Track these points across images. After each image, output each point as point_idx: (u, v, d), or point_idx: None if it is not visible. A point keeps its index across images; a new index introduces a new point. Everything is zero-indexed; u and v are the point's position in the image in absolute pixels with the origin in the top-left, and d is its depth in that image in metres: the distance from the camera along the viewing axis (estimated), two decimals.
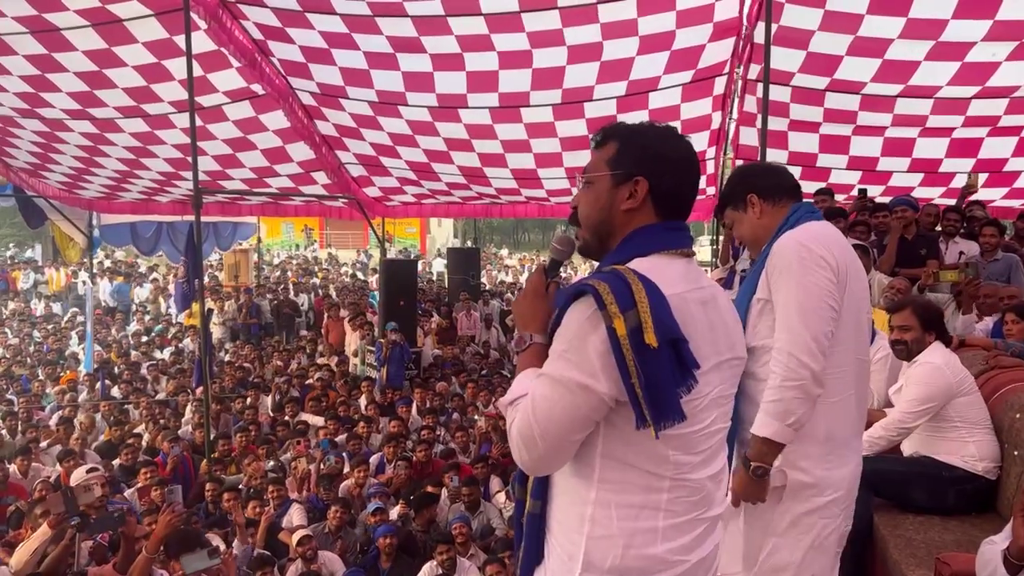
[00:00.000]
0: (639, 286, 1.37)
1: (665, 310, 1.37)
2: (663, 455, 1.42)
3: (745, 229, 2.34)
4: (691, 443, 1.45)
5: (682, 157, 1.54)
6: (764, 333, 2.18)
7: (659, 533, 1.43)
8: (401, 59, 7.60)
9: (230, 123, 9.10)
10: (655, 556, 1.43)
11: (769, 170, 2.41)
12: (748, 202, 2.30)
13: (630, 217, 1.53)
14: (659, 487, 1.43)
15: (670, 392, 1.36)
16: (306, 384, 9.73)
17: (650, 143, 1.54)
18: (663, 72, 7.59)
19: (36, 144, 9.90)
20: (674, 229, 1.54)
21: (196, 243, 7.21)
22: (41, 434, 8.20)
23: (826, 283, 2.08)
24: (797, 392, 2.04)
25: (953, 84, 7.07)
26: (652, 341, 1.33)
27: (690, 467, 1.45)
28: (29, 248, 28.47)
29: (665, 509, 1.44)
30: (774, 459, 2.08)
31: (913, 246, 6.01)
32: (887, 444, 3.34)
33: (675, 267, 1.49)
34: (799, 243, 2.12)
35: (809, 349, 2.04)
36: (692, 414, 1.41)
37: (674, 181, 1.52)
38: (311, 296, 16.12)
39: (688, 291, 1.45)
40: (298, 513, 6.09)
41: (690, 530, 1.46)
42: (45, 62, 7.86)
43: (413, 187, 11.17)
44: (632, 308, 1.34)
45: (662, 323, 1.35)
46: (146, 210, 12.49)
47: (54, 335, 14.20)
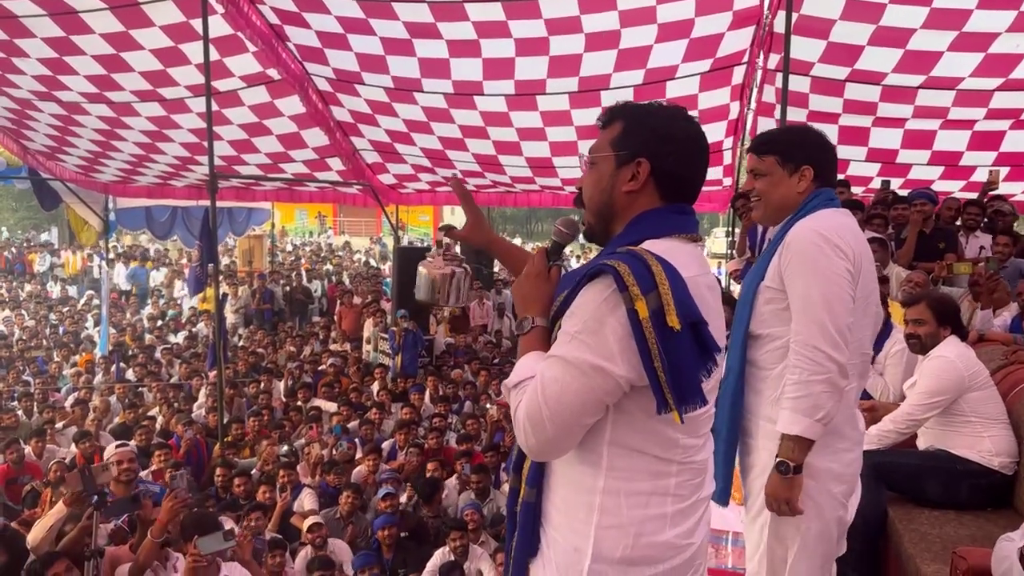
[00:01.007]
0: (659, 267, 1.34)
1: (685, 292, 1.35)
2: (673, 439, 1.42)
3: (778, 192, 2.22)
4: (697, 426, 1.46)
5: (688, 139, 1.50)
6: (770, 321, 2.14)
7: (668, 519, 1.43)
8: (417, 45, 7.57)
9: (246, 108, 9.10)
10: (665, 542, 1.43)
11: (833, 151, 2.30)
12: (802, 170, 2.19)
13: (632, 199, 1.50)
14: (667, 472, 1.43)
15: (693, 375, 1.34)
16: (319, 370, 9.78)
17: (655, 123, 1.50)
18: (681, 61, 7.52)
19: (53, 127, 9.95)
20: (682, 213, 1.51)
21: (211, 228, 7.24)
22: (57, 415, 8.30)
23: (845, 273, 2.03)
24: (825, 386, 1.99)
25: (976, 75, 6.97)
26: (675, 323, 1.31)
27: (696, 450, 1.47)
28: (45, 231, 28.73)
29: (673, 494, 1.44)
30: (804, 456, 2.03)
31: (931, 239, 5.95)
32: (897, 437, 3.32)
33: (687, 251, 1.47)
34: (817, 232, 2.06)
35: (834, 341, 1.99)
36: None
37: (678, 163, 1.49)
38: (324, 283, 16.17)
39: (700, 275, 1.44)
40: (310, 498, 6.13)
41: (693, 513, 1.47)
42: (63, 45, 7.89)
43: (427, 174, 11.15)
44: (653, 290, 1.32)
45: (683, 305, 1.33)
46: (161, 194, 12.53)
47: (70, 318, 14.34)
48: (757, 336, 2.17)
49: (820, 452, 2.06)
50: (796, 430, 2.01)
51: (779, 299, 2.12)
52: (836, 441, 2.10)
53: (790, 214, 2.19)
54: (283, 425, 7.76)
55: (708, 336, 1.36)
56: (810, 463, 2.06)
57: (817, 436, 2.02)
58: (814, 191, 2.18)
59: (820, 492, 2.09)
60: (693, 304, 1.35)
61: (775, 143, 2.26)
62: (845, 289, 2.03)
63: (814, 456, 2.06)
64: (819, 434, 2.02)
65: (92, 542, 3.56)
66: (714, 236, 30.95)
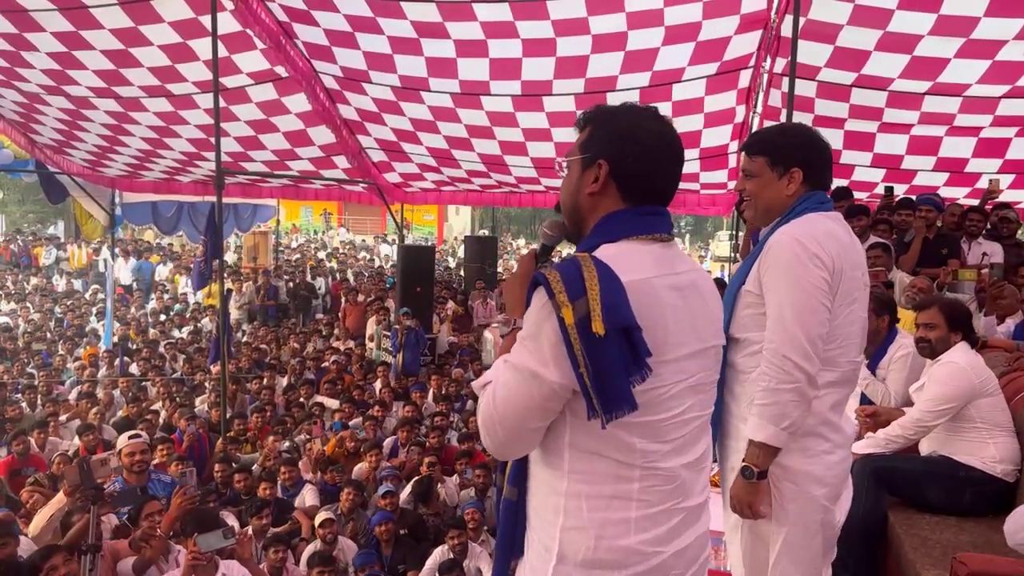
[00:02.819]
0: (592, 273, 1.34)
1: (618, 297, 1.33)
2: (629, 444, 1.39)
3: (766, 194, 2.21)
4: (659, 431, 1.41)
5: (653, 139, 1.48)
6: (748, 325, 2.14)
7: (632, 524, 1.41)
8: (425, 44, 7.59)
9: (253, 105, 9.13)
10: (628, 548, 1.40)
11: (828, 152, 2.26)
12: (791, 172, 2.17)
13: (596, 202, 1.50)
14: (629, 476, 1.41)
15: (619, 381, 1.32)
16: (321, 367, 9.80)
17: (619, 124, 1.49)
18: (688, 64, 7.52)
19: (61, 121, 9.99)
20: (646, 214, 1.49)
21: (217, 224, 7.26)
22: (60, 408, 8.34)
23: (821, 283, 2.02)
24: (792, 395, 2.00)
25: (983, 83, 6.96)
26: (599, 329, 1.30)
27: (660, 455, 1.41)
28: (52, 225, 28.80)
29: (637, 499, 1.41)
30: (769, 462, 2.05)
31: (934, 245, 5.95)
32: (905, 443, 3.32)
33: (645, 253, 1.44)
34: (795, 239, 2.05)
35: (804, 351, 2.00)
36: (657, 403, 1.39)
37: (639, 163, 1.47)
38: (328, 280, 16.20)
39: (659, 276, 1.41)
40: (311, 494, 6.15)
41: (665, 520, 1.43)
42: (72, 39, 7.92)
43: (433, 174, 11.17)
44: (582, 296, 1.31)
45: (613, 310, 1.31)
46: (168, 189, 12.57)
47: (74, 311, 14.38)
48: (736, 339, 2.17)
49: (797, 455, 2.07)
50: (761, 436, 2.03)
51: (758, 304, 2.12)
52: (815, 444, 2.10)
53: (779, 216, 2.18)
54: (285, 421, 7.78)
55: (639, 342, 1.33)
56: (788, 466, 2.07)
57: (782, 444, 2.03)
58: (804, 194, 2.17)
59: (800, 495, 2.09)
60: (624, 309, 1.32)
61: (766, 144, 2.24)
62: (819, 299, 2.02)
63: (791, 459, 2.07)
64: (784, 442, 2.03)
65: (89, 536, 3.58)
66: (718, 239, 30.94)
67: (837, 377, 2.12)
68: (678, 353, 1.41)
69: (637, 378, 1.33)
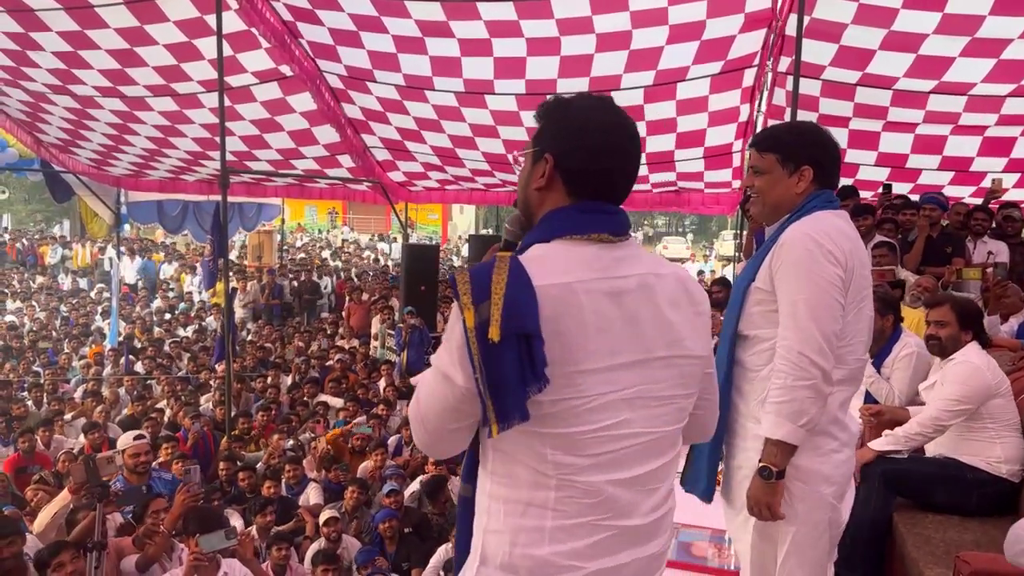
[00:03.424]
0: (501, 276, 1.27)
1: (522, 302, 1.26)
2: (541, 453, 1.33)
3: (776, 191, 2.18)
4: (576, 445, 1.32)
5: (601, 131, 1.39)
6: (758, 323, 2.13)
7: (546, 533, 1.34)
8: (429, 43, 7.60)
9: (258, 104, 9.15)
10: (540, 557, 1.34)
11: (837, 152, 2.23)
12: (801, 170, 2.15)
13: (542, 197, 1.43)
14: (545, 485, 1.33)
15: (514, 390, 1.25)
16: (326, 366, 9.82)
17: (567, 116, 1.41)
18: (692, 63, 7.52)
19: (67, 120, 10.02)
20: (590, 211, 1.39)
21: (222, 223, 7.28)
22: (66, 406, 8.37)
23: (835, 279, 2.01)
24: (809, 392, 1.98)
25: (988, 81, 6.94)
26: (494, 335, 1.23)
27: (576, 469, 1.32)
28: (57, 224, 28.89)
29: (553, 509, 1.34)
30: (787, 461, 2.03)
31: (939, 244, 5.94)
32: (924, 440, 3.33)
33: (577, 254, 1.35)
34: (809, 236, 2.03)
35: (820, 347, 1.98)
36: (573, 414, 1.30)
37: (584, 157, 1.38)
38: (333, 279, 16.24)
39: (587, 280, 1.32)
40: (315, 492, 6.16)
41: (586, 535, 1.34)
42: (77, 39, 7.94)
43: (437, 172, 11.18)
44: (486, 300, 1.26)
45: (513, 316, 1.24)
46: (173, 188, 12.60)
47: (80, 310, 14.43)
48: (745, 337, 2.16)
49: (808, 454, 2.06)
50: (779, 435, 2.00)
51: (768, 301, 2.10)
52: (824, 442, 2.09)
53: (787, 214, 2.17)
54: (290, 420, 7.80)
55: (536, 350, 1.25)
56: (799, 465, 2.05)
57: (799, 441, 2.01)
58: (813, 192, 2.16)
59: (810, 494, 2.08)
60: (526, 316, 1.25)
61: (776, 141, 2.21)
62: (834, 296, 2.01)
63: (802, 458, 2.05)
64: (801, 439, 2.01)
65: (95, 533, 3.59)
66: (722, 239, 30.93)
67: (845, 375, 2.11)
68: (604, 363, 1.32)
69: (534, 388, 1.26)
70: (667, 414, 1.40)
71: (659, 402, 1.39)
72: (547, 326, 1.27)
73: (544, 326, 1.27)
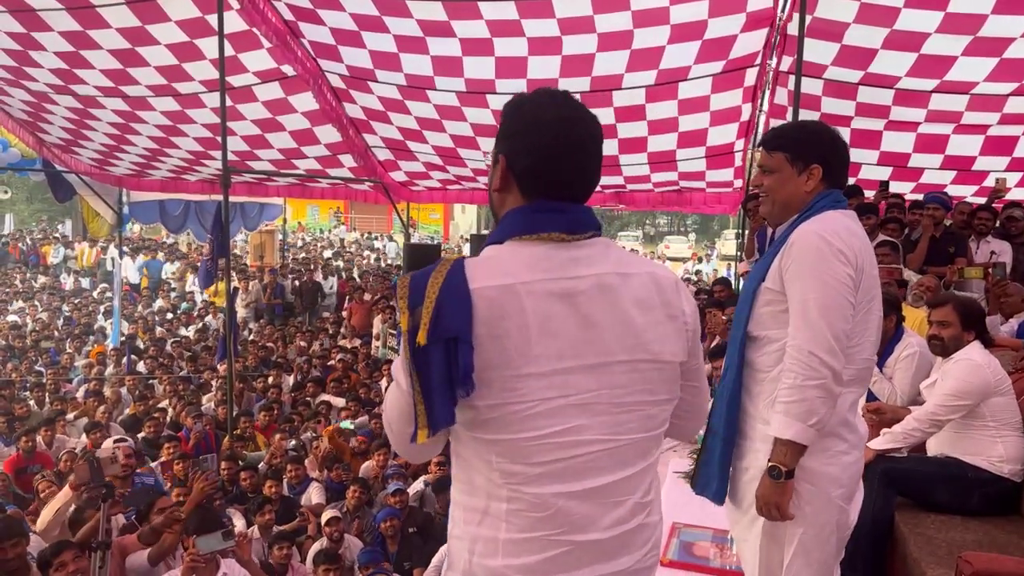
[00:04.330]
0: (438, 280, 1.26)
1: (453, 306, 1.23)
2: (487, 460, 1.29)
3: (785, 190, 2.17)
4: (520, 452, 1.27)
5: (550, 129, 1.33)
6: (768, 323, 2.11)
7: (499, 545, 1.30)
8: (431, 43, 7.59)
9: (259, 104, 9.15)
10: (495, 569, 1.30)
11: (846, 151, 2.22)
12: (811, 169, 2.14)
13: (502, 199, 1.40)
14: (498, 495, 1.30)
15: (440, 395, 1.24)
16: (328, 365, 9.82)
17: (518, 117, 1.37)
18: (694, 62, 7.51)
19: (69, 120, 10.03)
20: (543, 211, 1.34)
21: (224, 223, 7.28)
22: (68, 406, 8.38)
23: (846, 279, 2.00)
24: (819, 391, 1.97)
25: (990, 80, 6.93)
26: (421, 339, 1.22)
27: (524, 479, 1.28)
28: (60, 223, 28.92)
29: (506, 521, 1.30)
30: (796, 461, 2.02)
31: (942, 244, 5.94)
32: (922, 436, 3.32)
33: (524, 254, 1.31)
34: (819, 236, 2.02)
35: (830, 347, 1.97)
36: (515, 420, 1.26)
37: (533, 157, 1.34)
38: (336, 279, 16.24)
39: (531, 281, 1.28)
40: (317, 492, 6.17)
41: (539, 550, 1.29)
42: (79, 39, 7.95)
43: (439, 172, 11.18)
44: (420, 305, 1.24)
45: (441, 320, 1.23)
46: (174, 188, 12.61)
47: (82, 310, 14.45)
48: (755, 338, 2.15)
49: (817, 456, 2.05)
50: (789, 434, 1.99)
51: (778, 301, 2.09)
52: (833, 444, 2.08)
53: (796, 213, 2.16)
54: (292, 419, 7.81)
55: (462, 355, 1.22)
56: (807, 467, 2.04)
57: (810, 442, 2.00)
58: (822, 192, 2.15)
59: (818, 496, 2.07)
60: (454, 320, 1.23)
61: (786, 139, 2.20)
62: (845, 295, 2.00)
63: (811, 460, 2.04)
64: (812, 439, 2.00)
65: (100, 533, 3.60)
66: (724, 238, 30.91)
67: (853, 375, 2.10)
68: (550, 367, 1.27)
69: (461, 392, 1.23)
70: (631, 421, 1.34)
71: (621, 409, 1.32)
72: (483, 329, 1.24)
73: (481, 329, 1.24)
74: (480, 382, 1.24)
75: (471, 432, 1.29)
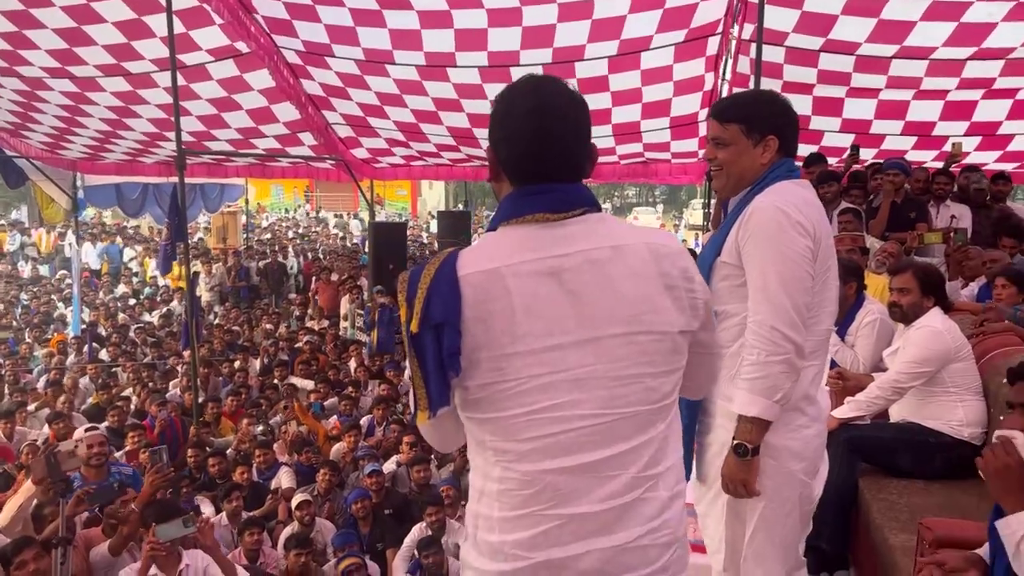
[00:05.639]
0: (430, 270, 1.33)
1: (441, 294, 1.30)
2: (481, 440, 1.36)
3: (741, 162, 2.12)
4: (509, 429, 1.32)
5: (525, 115, 1.36)
6: (726, 298, 2.09)
7: (495, 522, 1.36)
8: (388, 16, 7.43)
9: (214, 82, 8.91)
10: (494, 544, 1.36)
11: (797, 119, 2.19)
12: (767, 140, 2.09)
13: (498, 188, 1.46)
14: (492, 474, 1.36)
15: (434, 378, 1.31)
16: (295, 347, 9.71)
17: (497, 108, 1.41)
18: (655, 31, 7.44)
19: (16, 103, 9.69)
20: (528, 195, 1.37)
21: (180, 205, 7.11)
22: (28, 397, 8.19)
23: (805, 251, 1.98)
24: (783, 366, 1.96)
25: (948, 45, 6.96)
26: (414, 327, 1.31)
27: (515, 456, 1.32)
28: (15, 209, 28.14)
29: (498, 500, 1.35)
30: (761, 437, 2.01)
31: (902, 210, 5.99)
32: (885, 404, 3.36)
33: (511, 237, 1.36)
34: (777, 208, 1.99)
35: (792, 321, 1.95)
36: (503, 398, 1.30)
37: (511, 144, 1.39)
38: (300, 260, 16.03)
39: (516, 263, 1.31)
40: (287, 476, 6.11)
41: (531, 525, 1.32)
42: (22, 18, 7.64)
43: (402, 148, 11.03)
44: (416, 295, 1.32)
45: (431, 307, 1.29)
46: (131, 171, 12.29)
47: (40, 298, 14.11)
48: (713, 313, 2.14)
49: (778, 430, 2.04)
50: (754, 411, 1.98)
51: (736, 275, 2.06)
52: (795, 418, 2.07)
53: (750, 185, 2.12)
54: (260, 404, 7.71)
55: (447, 338, 1.28)
56: (768, 441, 2.03)
57: (774, 417, 1.99)
58: (776, 161, 2.11)
59: (779, 470, 2.07)
60: (441, 305, 1.29)
61: (740, 110, 2.14)
62: (804, 268, 1.98)
63: (773, 435, 2.03)
64: (776, 415, 1.99)
65: (60, 529, 3.51)
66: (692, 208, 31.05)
67: (813, 347, 2.08)
68: (539, 344, 1.29)
69: (451, 374, 1.30)
70: (631, 395, 1.33)
71: (619, 382, 1.33)
72: (471, 313, 1.29)
73: (468, 313, 1.29)
74: (469, 363, 1.30)
75: (466, 413, 1.36)
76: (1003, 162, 8.67)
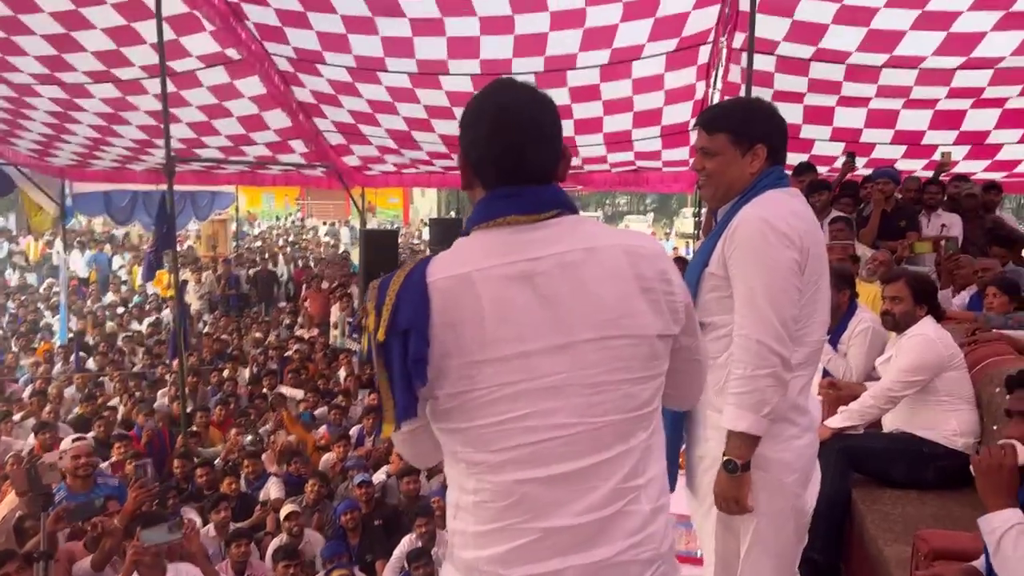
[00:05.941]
0: (399, 278, 1.29)
1: (407, 301, 1.26)
2: (453, 451, 1.32)
3: (730, 172, 2.09)
4: (481, 439, 1.27)
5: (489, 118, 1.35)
6: (713, 310, 2.06)
7: (469, 538, 1.31)
8: (380, 23, 7.40)
9: (204, 89, 8.86)
10: (469, 561, 1.31)
11: (786, 127, 2.17)
12: (755, 149, 2.06)
13: (472, 195, 1.43)
14: (466, 487, 1.31)
15: (400, 388, 1.26)
16: (285, 356, 9.65)
17: (467, 110, 1.40)
18: (647, 40, 7.45)
19: (4, 110, 9.62)
20: (499, 197, 1.34)
21: (169, 212, 7.06)
22: (14, 407, 8.10)
23: (791, 263, 1.95)
24: (770, 380, 1.93)
25: (938, 54, 6.99)
26: (380, 336, 1.26)
27: (488, 468, 1.27)
28: (3, 218, 27.95)
29: (473, 513, 1.30)
30: (751, 453, 1.98)
31: (892, 218, 6.00)
32: (878, 413, 3.35)
33: (482, 242, 1.32)
34: (763, 220, 1.96)
35: (778, 335, 1.93)
36: (472, 407, 1.26)
37: (477, 147, 1.37)
38: (290, 267, 15.97)
39: (487, 267, 1.27)
40: (276, 487, 6.05)
41: (507, 540, 1.27)
42: (11, 25, 7.59)
43: (393, 156, 10.99)
44: (384, 304, 1.28)
45: (398, 315, 1.26)
46: (120, 178, 12.20)
47: (27, 306, 14.00)
48: (702, 324, 2.11)
49: (769, 442, 2.01)
50: (742, 427, 1.95)
51: (723, 287, 2.04)
52: (784, 429, 2.04)
53: (739, 195, 2.09)
54: (248, 413, 7.64)
55: (412, 346, 1.24)
56: (760, 454, 2.00)
57: (763, 432, 1.96)
58: (765, 170, 2.08)
59: (771, 483, 2.04)
60: (406, 313, 1.25)
61: (727, 119, 2.11)
62: (790, 280, 1.96)
63: (763, 447, 2.00)
64: (764, 430, 1.96)
65: (41, 543, 3.45)
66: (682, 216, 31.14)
67: (804, 358, 2.06)
68: (510, 351, 1.25)
69: (418, 384, 1.25)
70: (608, 402, 1.28)
71: (595, 389, 1.27)
72: (440, 319, 1.26)
73: (437, 319, 1.25)
74: (439, 372, 1.25)
75: (437, 424, 1.31)
76: (992, 171, 8.72)
